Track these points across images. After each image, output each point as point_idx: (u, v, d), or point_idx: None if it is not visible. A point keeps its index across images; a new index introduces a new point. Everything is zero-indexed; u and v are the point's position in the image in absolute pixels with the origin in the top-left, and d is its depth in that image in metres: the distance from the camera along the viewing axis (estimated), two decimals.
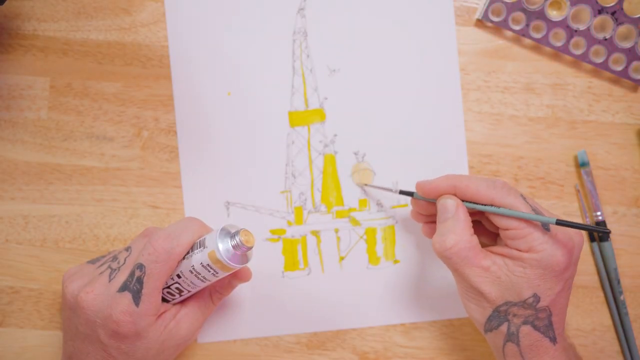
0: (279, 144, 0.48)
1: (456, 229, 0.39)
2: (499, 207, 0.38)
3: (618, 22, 0.46)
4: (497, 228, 0.39)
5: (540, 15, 0.47)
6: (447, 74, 0.48)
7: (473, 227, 0.40)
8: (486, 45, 0.48)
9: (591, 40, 0.47)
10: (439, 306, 0.48)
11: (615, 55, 0.47)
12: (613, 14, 0.46)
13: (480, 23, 0.48)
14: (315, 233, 0.48)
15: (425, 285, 0.48)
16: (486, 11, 0.47)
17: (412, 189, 0.44)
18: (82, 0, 0.47)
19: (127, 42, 0.47)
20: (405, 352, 0.48)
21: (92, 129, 0.47)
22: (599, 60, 0.47)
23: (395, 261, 0.48)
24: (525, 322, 0.38)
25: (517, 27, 0.47)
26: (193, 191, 0.47)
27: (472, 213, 0.41)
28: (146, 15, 0.47)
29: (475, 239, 0.39)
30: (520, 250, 0.38)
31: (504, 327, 0.38)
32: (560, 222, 0.36)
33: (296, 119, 0.48)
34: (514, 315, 0.38)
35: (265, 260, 0.47)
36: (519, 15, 0.47)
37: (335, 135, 0.48)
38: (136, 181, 0.47)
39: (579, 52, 0.47)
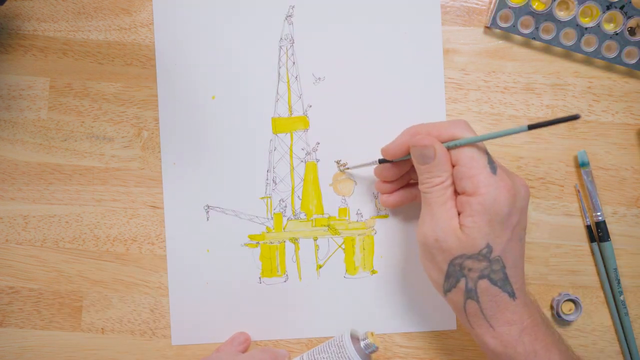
0: (262, 149, 0.47)
1: (439, 219, 0.39)
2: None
3: (628, 16, 0.46)
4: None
5: (549, 16, 0.47)
6: (431, 86, 0.48)
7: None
8: (486, 45, 0.48)
9: (602, 36, 0.47)
10: (416, 318, 0.48)
11: (628, 48, 0.47)
12: (622, 7, 0.46)
13: (479, 23, 0.48)
14: (294, 240, 0.47)
15: (402, 296, 0.48)
16: (494, 18, 0.47)
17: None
18: (82, 0, 0.47)
19: (127, 42, 0.47)
20: (405, 352, 0.48)
21: (92, 129, 0.47)
22: (612, 55, 0.47)
23: (373, 271, 0.48)
24: (481, 277, 0.38)
25: (526, 31, 0.47)
26: (173, 193, 0.47)
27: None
28: (146, 15, 0.47)
29: (455, 220, 0.39)
30: (467, 195, 0.38)
31: (462, 284, 0.38)
32: (531, 127, 0.35)
33: (279, 125, 0.48)
34: (470, 269, 0.38)
35: (242, 265, 0.47)
36: (528, 18, 0.47)
37: (318, 144, 0.48)
38: (136, 181, 0.47)
39: (590, 49, 0.47)
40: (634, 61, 0.47)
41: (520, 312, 0.38)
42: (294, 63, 0.47)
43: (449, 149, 0.39)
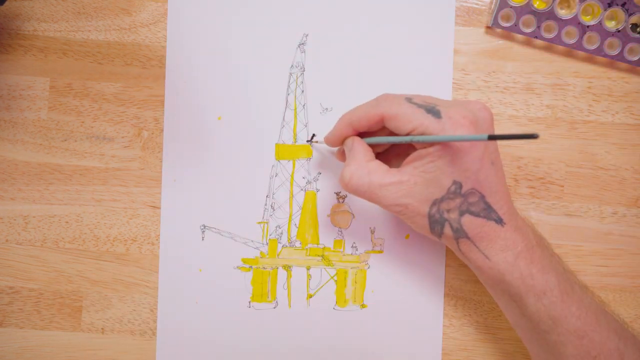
0: (263, 174, 0.47)
1: (350, 162, 0.40)
2: (392, 121, 0.38)
3: (629, 13, 0.46)
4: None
5: (550, 15, 0.47)
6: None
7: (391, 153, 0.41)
8: (486, 45, 0.48)
9: (604, 34, 0.47)
10: (403, 353, 0.47)
11: (630, 45, 0.47)
12: (623, 5, 0.46)
13: (479, 23, 0.48)
14: (287, 267, 0.47)
15: (390, 332, 0.47)
16: (496, 17, 0.47)
17: (388, 238, 0.47)
18: (82, 0, 0.47)
19: (127, 42, 0.47)
20: None
21: (92, 129, 0.47)
22: (614, 52, 0.47)
23: (363, 305, 0.47)
24: (461, 213, 0.38)
25: (528, 30, 0.47)
26: (171, 211, 0.47)
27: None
28: (146, 15, 0.47)
29: (374, 164, 0.39)
30: (426, 148, 0.37)
31: (447, 229, 0.39)
32: (491, 137, 0.34)
33: (283, 152, 0.48)
34: (447, 211, 0.38)
35: (233, 288, 0.47)
36: (529, 18, 0.47)
37: (319, 174, 0.48)
38: (136, 181, 0.47)
39: (592, 47, 0.47)
40: (636, 58, 0.47)
41: (513, 237, 0.38)
42: (302, 91, 0.47)
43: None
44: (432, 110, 0.37)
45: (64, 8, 0.47)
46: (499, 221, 0.38)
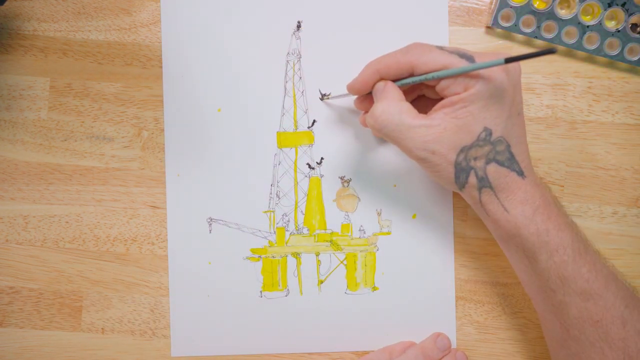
0: (266, 163, 0.47)
1: (382, 100, 0.39)
2: (422, 69, 0.38)
3: (629, 13, 0.47)
4: (434, 90, 0.40)
5: (550, 15, 0.47)
6: None
7: (418, 102, 0.41)
8: (487, 45, 0.48)
9: (604, 34, 0.47)
10: (415, 335, 0.47)
11: (630, 45, 0.47)
12: (623, 5, 0.46)
13: (479, 23, 0.48)
14: (296, 255, 0.47)
15: (403, 313, 0.47)
16: (496, 17, 0.47)
17: (395, 219, 0.47)
18: (82, 0, 0.47)
19: (127, 42, 0.47)
20: None
21: (92, 129, 0.47)
22: (614, 52, 0.47)
23: (374, 288, 0.47)
24: (488, 162, 0.38)
25: (528, 30, 0.47)
26: (177, 205, 0.47)
27: (414, 88, 0.42)
28: (146, 15, 0.47)
29: (406, 104, 0.39)
30: (458, 93, 0.37)
31: (472, 178, 0.39)
32: (508, 60, 0.35)
33: (284, 140, 0.48)
34: (475, 158, 0.38)
35: (244, 279, 0.47)
36: (529, 18, 0.47)
37: (323, 159, 0.48)
38: (136, 181, 0.47)
39: (592, 47, 0.47)
40: (636, 58, 0.47)
41: (532, 192, 0.39)
42: (300, 78, 0.47)
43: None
44: (465, 55, 0.37)
45: (64, 8, 0.47)
46: (520, 173, 0.39)
